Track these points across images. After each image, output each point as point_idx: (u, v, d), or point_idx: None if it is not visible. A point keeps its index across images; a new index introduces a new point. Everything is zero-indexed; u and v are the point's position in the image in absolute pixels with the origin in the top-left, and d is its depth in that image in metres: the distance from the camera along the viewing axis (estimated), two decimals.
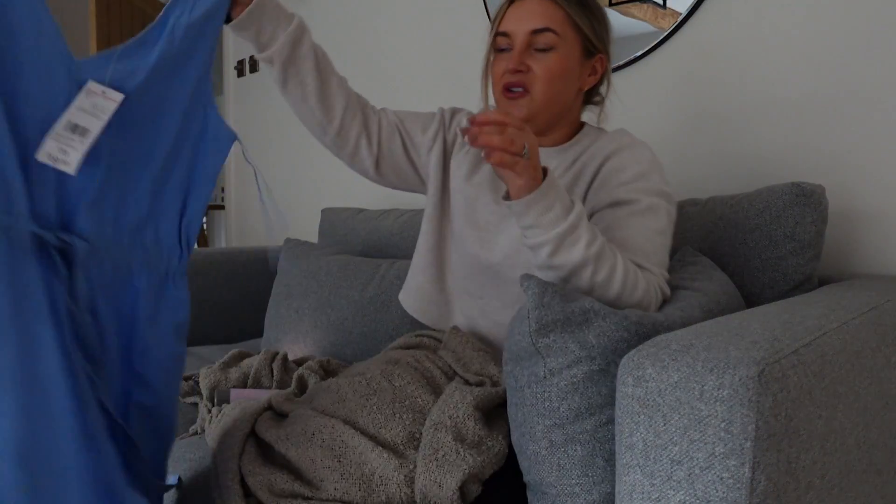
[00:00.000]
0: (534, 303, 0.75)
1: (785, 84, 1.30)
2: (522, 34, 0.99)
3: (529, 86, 1.00)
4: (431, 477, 0.80)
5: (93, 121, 0.77)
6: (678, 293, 0.92)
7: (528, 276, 0.78)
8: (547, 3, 1.00)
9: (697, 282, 0.97)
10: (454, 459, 0.81)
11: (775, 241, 1.08)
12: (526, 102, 1.00)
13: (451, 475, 0.80)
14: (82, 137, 0.76)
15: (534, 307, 0.74)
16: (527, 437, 0.77)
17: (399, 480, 0.81)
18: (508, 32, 1.01)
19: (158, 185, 0.86)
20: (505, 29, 1.01)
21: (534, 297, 0.75)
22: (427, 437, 0.85)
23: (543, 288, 0.75)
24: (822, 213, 1.08)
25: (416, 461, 0.83)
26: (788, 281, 1.08)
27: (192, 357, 1.64)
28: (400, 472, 0.82)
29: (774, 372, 0.57)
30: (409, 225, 1.71)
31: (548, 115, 1.03)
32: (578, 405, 0.74)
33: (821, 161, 1.26)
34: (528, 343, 0.75)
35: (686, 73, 1.44)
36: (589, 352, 0.73)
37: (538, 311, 0.74)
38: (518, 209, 0.82)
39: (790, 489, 0.59)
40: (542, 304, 0.74)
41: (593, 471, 0.73)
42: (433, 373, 1.00)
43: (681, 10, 1.43)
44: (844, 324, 0.73)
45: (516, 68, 0.99)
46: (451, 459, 0.81)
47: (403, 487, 0.81)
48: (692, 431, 0.57)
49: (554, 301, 0.74)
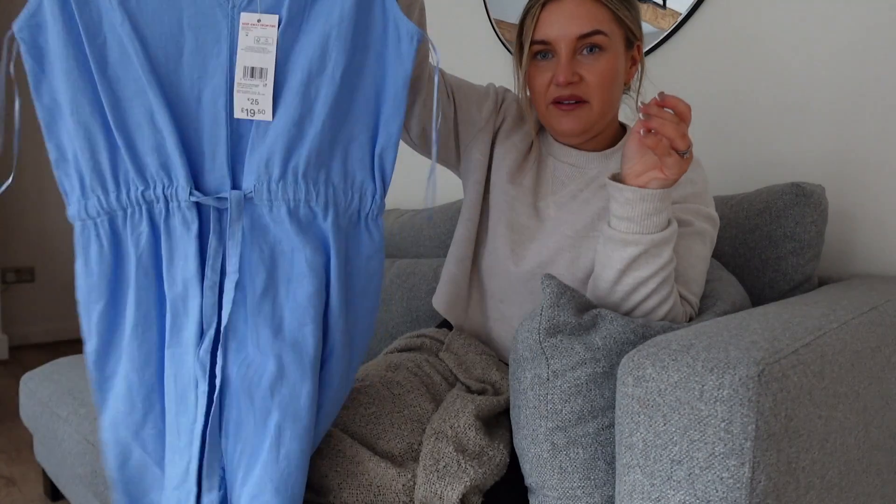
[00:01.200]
0: (549, 301, 0.74)
1: (785, 84, 1.30)
2: (567, 40, 0.89)
3: (585, 96, 0.91)
4: (432, 489, 0.78)
5: (264, 56, 0.73)
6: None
7: (550, 276, 0.77)
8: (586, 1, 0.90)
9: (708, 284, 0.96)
10: (455, 471, 0.79)
11: (775, 241, 1.08)
12: (584, 114, 0.92)
13: (452, 487, 0.78)
14: (263, 79, 0.73)
15: (549, 305, 0.74)
16: (529, 440, 0.77)
17: (397, 490, 0.79)
18: (549, 40, 0.91)
19: (340, 110, 0.75)
20: (545, 37, 0.91)
21: (551, 296, 0.74)
22: (427, 446, 0.83)
23: (562, 289, 0.75)
24: (823, 213, 1.08)
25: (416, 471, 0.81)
26: (788, 281, 1.08)
27: None
28: (398, 482, 0.80)
29: (774, 372, 0.57)
30: (408, 225, 1.71)
31: (603, 121, 0.95)
32: (581, 408, 0.73)
33: (821, 161, 1.26)
34: (534, 341, 0.75)
35: (686, 74, 1.44)
36: (594, 354, 0.73)
37: (552, 309, 0.74)
38: (632, 197, 0.77)
39: (790, 489, 0.59)
40: (558, 305, 0.74)
41: (595, 474, 0.73)
42: (433, 378, 0.98)
43: (681, 11, 1.43)
44: (844, 324, 0.73)
45: (568, 80, 0.90)
46: (453, 471, 0.79)
47: (402, 497, 0.79)
48: (692, 431, 0.57)
49: (570, 304, 0.74)
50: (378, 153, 0.77)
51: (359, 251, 0.78)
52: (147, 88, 0.73)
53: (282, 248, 0.76)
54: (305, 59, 0.74)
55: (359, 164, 0.77)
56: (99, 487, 1.21)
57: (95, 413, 0.81)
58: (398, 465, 0.82)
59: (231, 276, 0.74)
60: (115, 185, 0.75)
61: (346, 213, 0.77)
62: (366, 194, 0.78)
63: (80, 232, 0.76)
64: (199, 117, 0.75)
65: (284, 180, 0.74)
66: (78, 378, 1.45)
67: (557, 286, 0.75)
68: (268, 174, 0.74)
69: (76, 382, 1.43)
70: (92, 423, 1.25)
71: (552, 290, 0.75)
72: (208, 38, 0.73)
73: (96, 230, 0.76)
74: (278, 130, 0.74)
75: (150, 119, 0.74)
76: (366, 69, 0.76)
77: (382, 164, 0.77)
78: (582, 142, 0.99)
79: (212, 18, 0.73)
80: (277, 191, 0.75)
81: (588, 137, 0.97)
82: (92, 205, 0.75)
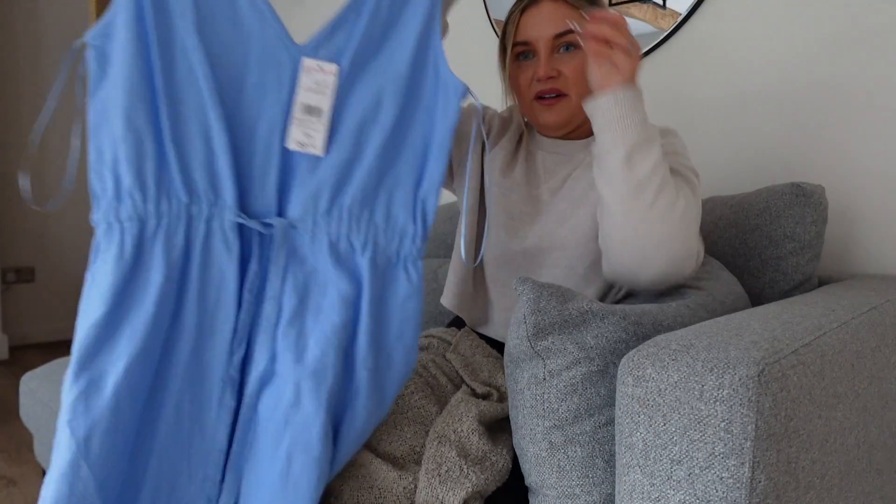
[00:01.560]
0: (530, 308, 0.74)
1: (785, 84, 1.30)
2: (545, 40, 0.99)
3: (564, 89, 1.00)
4: (433, 493, 0.77)
5: (321, 98, 0.79)
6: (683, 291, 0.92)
7: (522, 280, 0.77)
8: (560, 4, 0.99)
9: (702, 281, 0.97)
10: (457, 476, 0.79)
11: (775, 241, 1.08)
12: (564, 106, 1.01)
13: (454, 493, 0.77)
14: (318, 117, 0.79)
15: (530, 312, 0.74)
16: (527, 440, 0.77)
17: (398, 492, 0.79)
18: (530, 41, 1.00)
19: (388, 155, 0.80)
20: (525, 38, 1.01)
21: (529, 302, 0.74)
22: (430, 450, 0.82)
23: (539, 292, 0.75)
24: (822, 213, 1.08)
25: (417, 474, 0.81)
26: (788, 281, 1.08)
27: None
28: (399, 485, 0.79)
29: (774, 372, 0.57)
30: None
31: (582, 113, 1.02)
32: (577, 406, 0.73)
33: (821, 161, 1.26)
34: (526, 347, 0.75)
35: (686, 74, 1.44)
36: (587, 353, 0.73)
37: (535, 315, 0.74)
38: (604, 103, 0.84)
39: (790, 489, 0.59)
40: (539, 309, 0.74)
41: (593, 472, 0.73)
42: (439, 380, 0.97)
43: (681, 11, 1.43)
44: (844, 324, 0.73)
45: (548, 75, 0.99)
46: (455, 476, 0.79)
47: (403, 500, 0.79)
48: (692, 431, 0.57)
49: (550, 304, 0.74)
50: (421, 198, 0.82)
51: (395, 291, 0.81)
52: (208, 109, 0.77)
53: (316, 279, 0.79)
54: (360, 106, 0.80)
55: (402, 207, 0.81)
56: None
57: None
58: (400, 468, 0.81)
59: (270, 300, 0.78)
60: (157, 192, 0.77)
61: (384, 253, 0.81)
62: (406, 236, 0.81)
63: (104, 234, 0.77)
64: (252, 145, 0.80)
65: (330, 214, 0.79)
66: None
67: (533, 290, 0.75)
68: (315, 207, 0.79)
69: None
70: None
71: (529, 295, 0.75)
72: (271, 75, 0.80)
73: (121, 235, 0.76)
74: (329, 167, 0.79)
75: (206, 138, 0.78)
76: (415, 120, 0.81)
77: (425, 208, 0.82)
78: (565, 133, 1.07)
79: (277, 58, 0.80)
80: (322, 223, 0.79)
81: (570, 129, 1.05)
82: (125, 208, 0.76)
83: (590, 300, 0.77)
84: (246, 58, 0.79)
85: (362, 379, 0.78)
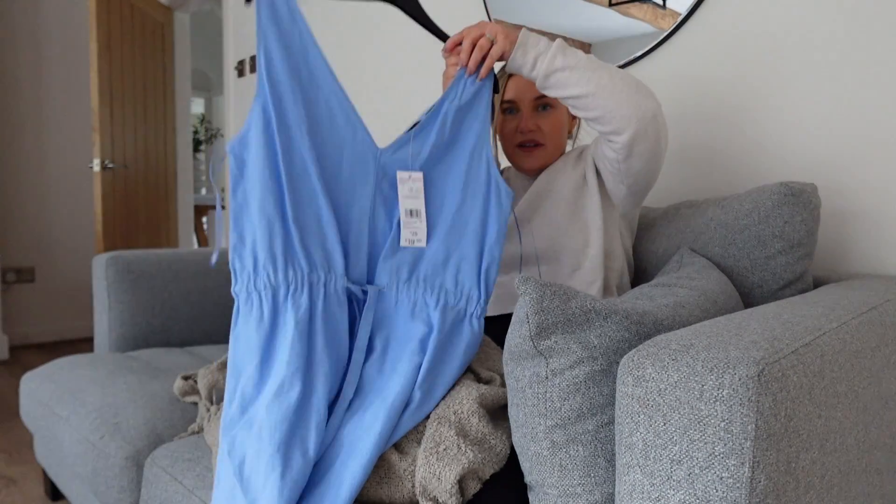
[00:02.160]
0: (532, 307, 0.74)
1: (784, 85, 1.30)
2: (528, 101, 1.21)
3: (542, 140, 1.22)
4: (431, 469, 0.80)
5: (417, 202, 1.01)
6: (677, 291, 0.92)
7: (524, 280, 0.77)
8: None
9: (696, 281, 0.97)
10: (455, 453, 0.81)
11: (763, 241, 1.08)
12: (541, 154, 1.23)
13: (451, 468, 0.80)
14: (418, 218, 1.01)
15: (533, 312, 0.74)
16: (528, 438, 0.77)
17: (399, 473, 0.82)
18: (515, 100, 1.22)
19: (454, 235, 1.01)
20: (512, 98, 1.22)
21: (532, 302, 0.74)
22: (430, 430, 0.85)
23: (542, 291, 0.75)
24: (813, 211, 1.08)
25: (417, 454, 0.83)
26: (778, 280, 1.08)
27: (192, 357, 1.64)
28: (399, 466, 0.83)
29: (774, 372, 0.57)
30: None
31: (554, 159, 1.26)
32: (580, 405, 0.73)
33: (815, 161, 1.26)
34: (528, 346, 0.75)
35: (686, 74, 1.44)
36: (591, 352, 0.73)
37: (538, 315, 0.74)
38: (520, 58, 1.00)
39: (790, 489, 0.59)
40: (542, 309, 0.74)
41: (595, 471, 0.73)
42: None
43: (681, 11, 1.43)
44: (844, 324, 0.73)
45: (529, 128, 1.21)
46: (452, 453, 0.81)
47: (404, 480, 0.82)
48: (692, 431, 0.57)
49: (553, 303, 0.74)
50: (484, 269, 1.01)
51: (460, 338, 0.99)
52: (320, 198, 0.97)
53: (396, 334, 0.99)
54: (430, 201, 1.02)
55: (468, 276, 1.01)
56: (99, 487, 1.21)
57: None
58: (400, 451, 0.85)
59: (360, 350, 0.97)
60: (285, 264, 0.96)
61: (453, 309, 1.00)
62: (472, 299, 1.01)
63: (244, 302, 0.96)
64: (348, 225, 1.01)
65: (409, 283, 1.01)
66: (78, 378, 1.45)
67: (536, 289, 0.75)
68: (397, 277, 1.01)
69: (76, 382, 1.43)
70: (92, 422, 1.25)
71: (531, 294, 0.75)
72: (360, 170, 1.01)
73: (259, 302, 0.95)
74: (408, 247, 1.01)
75: (318, 220, 0.98)
76: (474, 209, 1.02)
77: (487, 277, 1.01)
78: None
79: (364, 157, 1.01)
80: (403, 289, 1.00)
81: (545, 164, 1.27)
82: (261, 279, 0.95)
83: (592, 298, 0.76)
84: (341, 157, 1.00)
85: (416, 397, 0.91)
